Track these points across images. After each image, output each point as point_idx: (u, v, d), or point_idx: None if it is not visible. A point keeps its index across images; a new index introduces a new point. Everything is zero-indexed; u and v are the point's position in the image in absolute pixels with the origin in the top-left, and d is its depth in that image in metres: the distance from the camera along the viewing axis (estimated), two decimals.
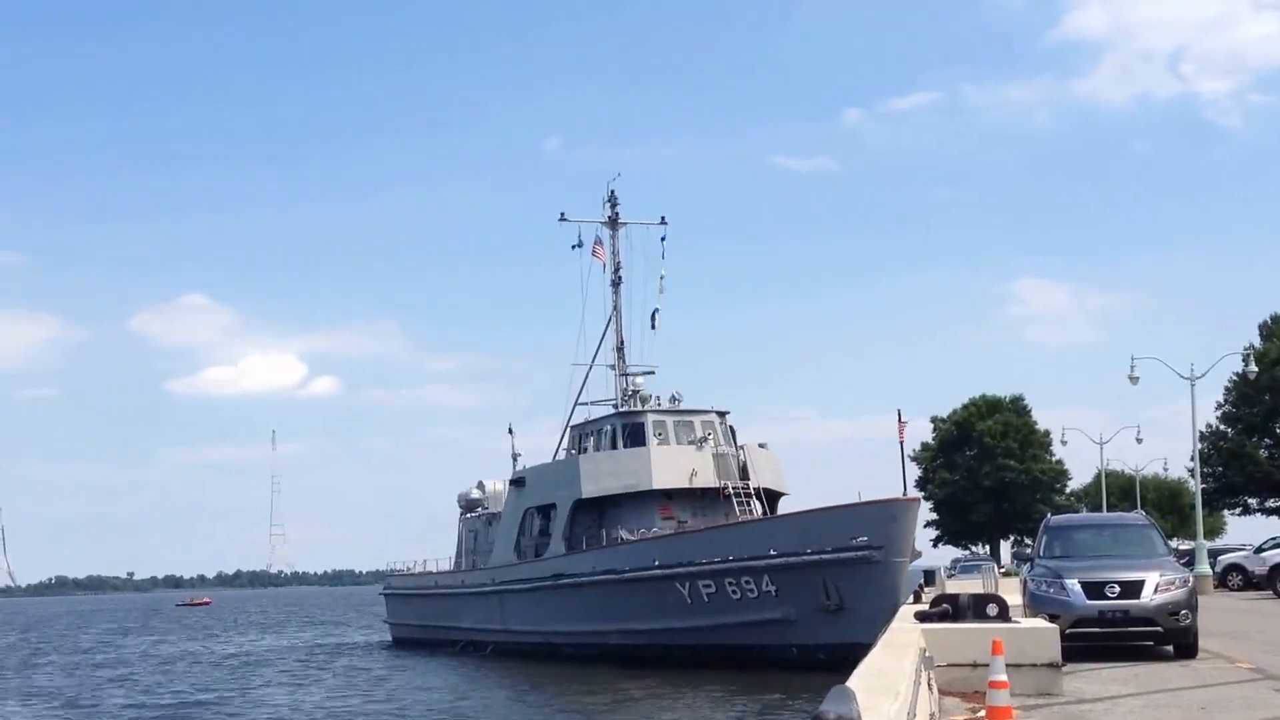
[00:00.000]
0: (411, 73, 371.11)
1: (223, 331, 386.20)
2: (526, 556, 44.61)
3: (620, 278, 45.27)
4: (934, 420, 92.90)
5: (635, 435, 40.96)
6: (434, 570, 56.32)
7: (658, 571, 35.93)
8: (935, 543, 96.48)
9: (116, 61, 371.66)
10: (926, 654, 11.36)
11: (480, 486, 53.94)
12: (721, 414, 42.37)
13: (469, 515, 54.87)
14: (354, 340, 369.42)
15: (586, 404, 45.20)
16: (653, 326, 44.40)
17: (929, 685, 10.36)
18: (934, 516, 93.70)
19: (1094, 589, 16.84)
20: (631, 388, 43.83)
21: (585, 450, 42.94)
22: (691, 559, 35.34)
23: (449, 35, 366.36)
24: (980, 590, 21.58)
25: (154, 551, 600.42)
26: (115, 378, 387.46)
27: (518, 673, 36.69)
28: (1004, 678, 9.76)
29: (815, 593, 32.65)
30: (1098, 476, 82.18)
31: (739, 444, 41.73)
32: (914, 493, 32.63)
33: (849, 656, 28.40)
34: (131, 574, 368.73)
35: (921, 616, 15.48)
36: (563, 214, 45.84)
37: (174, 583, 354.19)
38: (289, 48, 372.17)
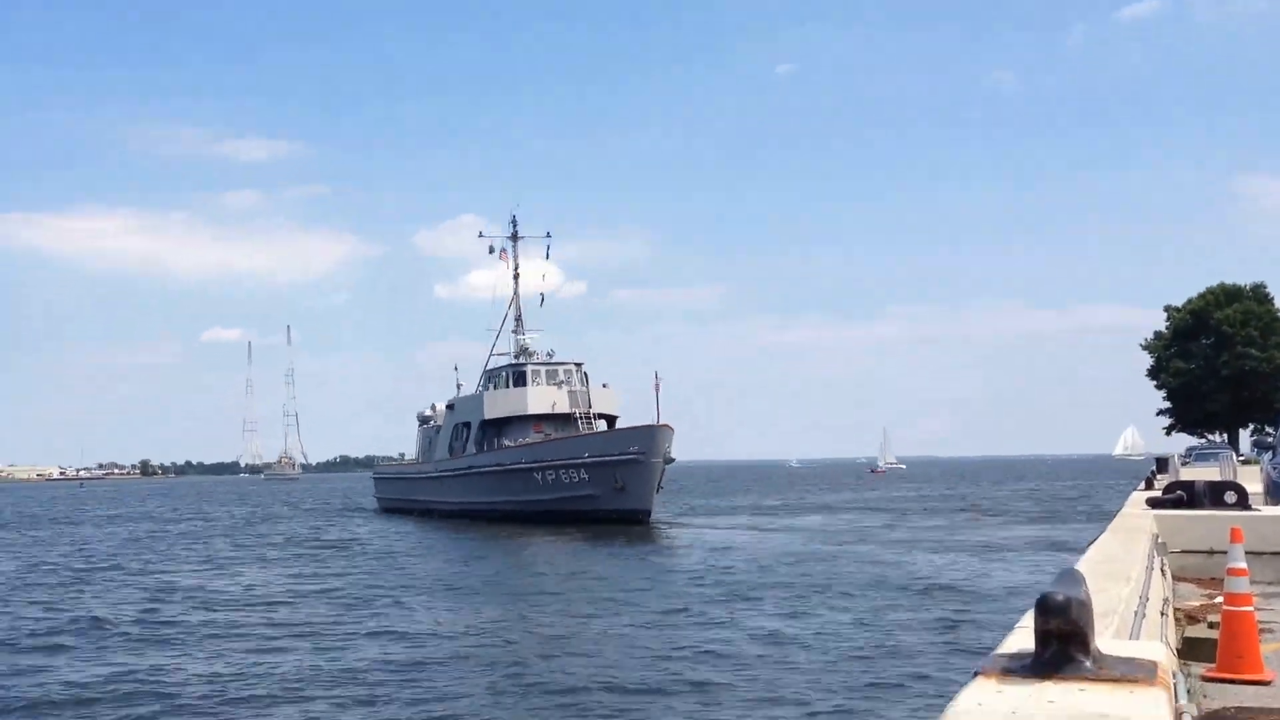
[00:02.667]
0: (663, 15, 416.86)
1: (486, 242, 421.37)
2: (455, 455, 63.15)
3: (519, 273, 65.02)
4: (1167, 309, 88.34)
5: (520, 378, 59.16)
6: (403, 462, 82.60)
7: (524, 465, 54.33)
8: (1169, 431, 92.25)
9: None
10: (1159, 540, 10.74)
11: (432, 408, 72.49)
12: (578, 364, 60.01)
13: (424, 426, 73.33)
14: (605, 250, 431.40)
15: (501, 354, 64.12)
16: (540, 305, 64.28)
17: (1162, 571, 9.78)
18: (1167, 405, 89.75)
19: None
20: (521, 345, 62.26)
21: (490, 388, 61.31)
22: (542, 459, 53.34)
23: None
24: (1217, 478, 20.41)
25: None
26: (395, 285, 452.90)
27: (451, 528, 53.76)
28: (1243, 565, 9.06)
29: (610, 479, 50.10)
30: None
31: (589, 385, 58.97)
32: (665, 420, 50.27)
33: (630, 517, 48.87)
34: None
35: (1154, 503, 14.65)
36: (480, 232, 66.60)
37: None
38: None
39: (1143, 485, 26.20)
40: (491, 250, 64.63)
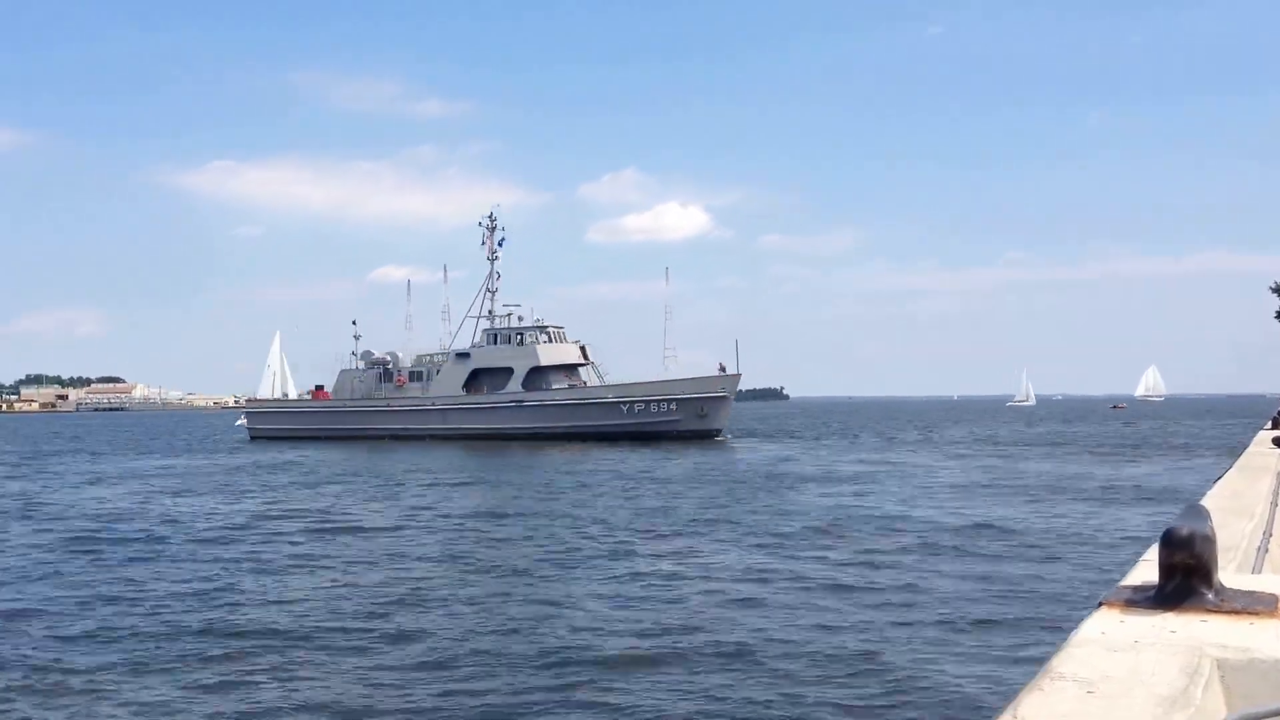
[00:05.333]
0: None
1: (643, 193, 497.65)
2: (481, 392, 73.83)
3: (497, 256, 79.30)
4: None
5: (549, 336, 73.16)
6: (291, 399, 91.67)
7: (610, 399, 70.31)
8: None
9: None
10: None
11: (371, 352, 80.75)
12: (562, 328, 74.27)
13: (363, 368, 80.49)
14: (750, 200, 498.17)
15: (471, 316, 78.57)
16: (499, 280, 78.80)
17: None
18: None
19: None
20: (502, 310, 76.70)
21: (513, 341, 73.78)
22: (628, 395, 70.15)
23: None
24: None
25: None
26: (555, 231, 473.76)
27: (486, 447, 64.39)
28: None
29: (694, 409, 68.80)
30: None
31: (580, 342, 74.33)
32: (734, 370, 69.20)
33: (707, 436, 69.67)
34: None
35: (1279, 442, 14.10)
36: (479, 221, 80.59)
37: None
38: None
39: (1269, 424, 25.20)
40: (483, 243, 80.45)
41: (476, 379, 74.88)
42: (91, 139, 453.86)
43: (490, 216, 79.84)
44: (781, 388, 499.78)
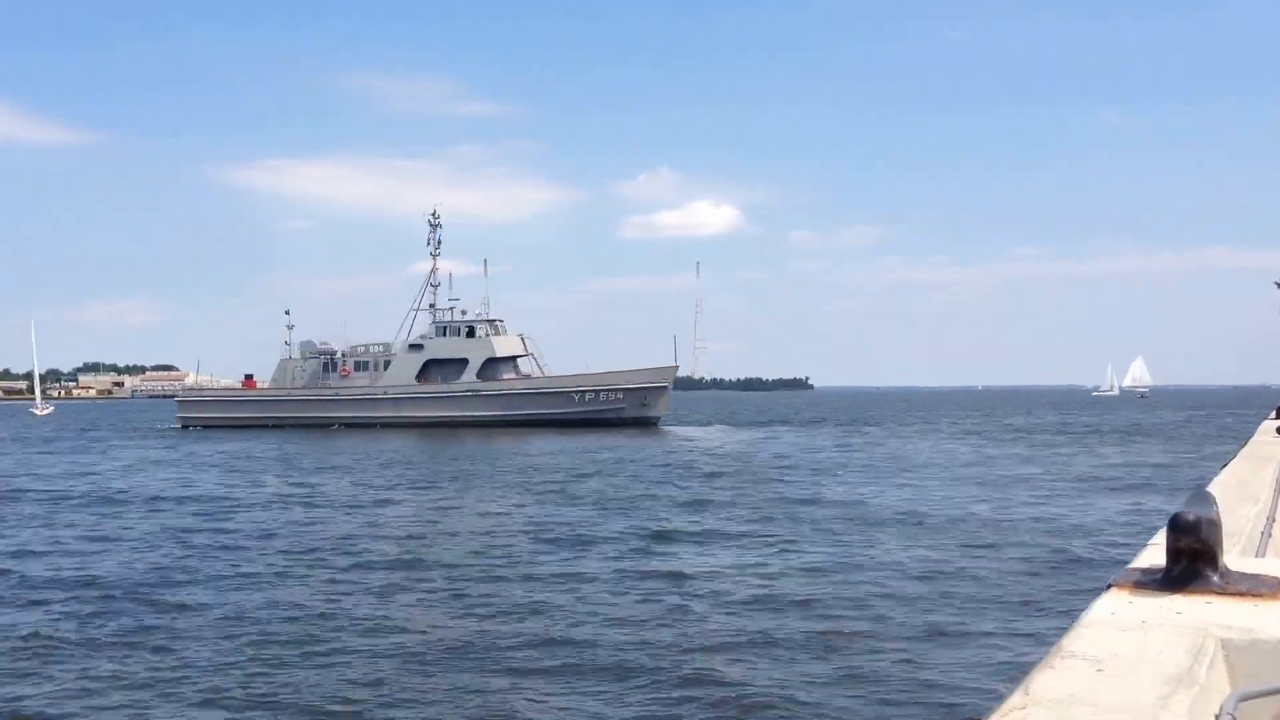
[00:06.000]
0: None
1: (677, 191, 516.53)
2: (434, 382, 75.65)
3: (439, 254, 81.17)
4: None
5: (496, 329, 76.07)
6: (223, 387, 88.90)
7: (564, 389, 73.91)
8: None
9: None
10: None
11: (312, 342, 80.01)
12: (503, 321, 77.32)
13: (308, 357, 79.57)
14: (780, 197, 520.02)
15: (413, 310, 79.41)
16: (449, 278, 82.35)
17: None
18: None
19: None
20: (448, 304, 78.04)
21: (463, 334, 76.21)
22: (580, 385, 74.07)
23: None
24: None
25: (595, 355, 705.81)
26: (587, 227, 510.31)
27: (450, 434, 64.97)
28: None
29: (638, 398, 73.84)
30: None
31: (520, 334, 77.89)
32: (674, 363, 74.20)
33: (647, 423, 75.05)
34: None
35: None
36: (428, 219, 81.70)
37: None
38: None
39: (1274, 414, 25.19)
40: (427, 242, 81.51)
41: (428, 369, 76.30)
42: (150, 136, 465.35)
43: (434, 214, 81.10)
44: (807, 378, 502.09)
